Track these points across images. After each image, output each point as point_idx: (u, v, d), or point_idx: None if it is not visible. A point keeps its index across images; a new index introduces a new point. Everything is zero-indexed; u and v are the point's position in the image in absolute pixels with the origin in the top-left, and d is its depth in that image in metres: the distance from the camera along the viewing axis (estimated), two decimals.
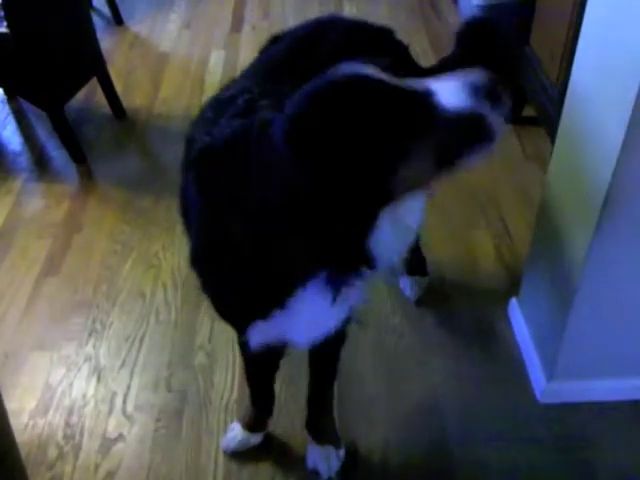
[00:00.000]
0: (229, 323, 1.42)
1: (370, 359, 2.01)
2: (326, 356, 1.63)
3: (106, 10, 3.79)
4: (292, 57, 1.54)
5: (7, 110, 3.11)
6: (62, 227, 2.49)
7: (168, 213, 2.52)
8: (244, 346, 1.54)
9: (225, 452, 1.79)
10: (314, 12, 3.79)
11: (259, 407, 1.79)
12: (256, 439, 1.81)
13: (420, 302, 2.18)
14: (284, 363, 1.88)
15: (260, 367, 1.70)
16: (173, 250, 2.38)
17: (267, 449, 1.81)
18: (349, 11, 3.76)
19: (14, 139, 2.96)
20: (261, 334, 1.35)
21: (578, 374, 1.83)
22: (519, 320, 2.05)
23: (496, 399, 1.90)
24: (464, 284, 2.26)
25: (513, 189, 2.62)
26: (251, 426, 1.80)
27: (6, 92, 3.11)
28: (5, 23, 2.46)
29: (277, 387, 1.87)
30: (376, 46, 1.66)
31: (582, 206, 1.59)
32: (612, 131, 1.42)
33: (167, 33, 3.68)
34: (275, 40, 1.66)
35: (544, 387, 1.87)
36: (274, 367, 1.72)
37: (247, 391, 1.80)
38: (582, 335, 1.74)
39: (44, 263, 2.35)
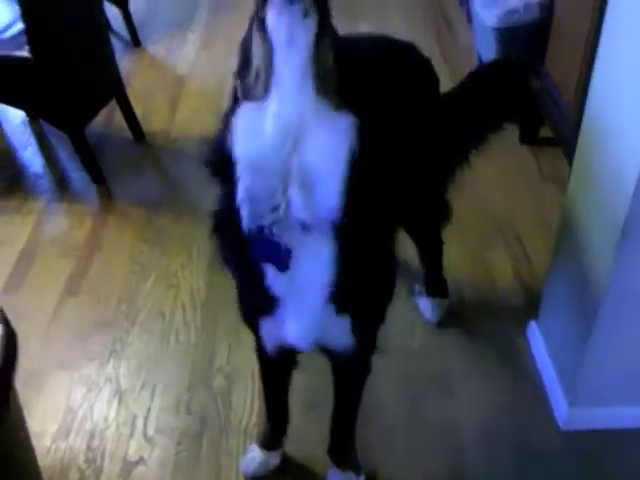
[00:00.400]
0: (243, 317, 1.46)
1: (391, 384, 2.00)
2: (350, 383, 1.63)
3: (124, 32, 3.83)
4: None
5: (29, 132, 3.15)
6: (83, 247, 2.52)
7: (186, 232, 2.54)
8: (259, 353, 1.59)
9: (245, 476, 1.79)
10: None
11: (274, 422, 1.79)
12: (275, 460, 1.81)
13: (440, 324, 2.18)
14: (306, 387, 1.90)
15: (275, 378, 1.72)
16: (192, 269, 2.40)
17: (287, 473, 1.81)
18: (363, 28, 3.79)
19: (35, 160, 3.00)
20: (268, 332, 1.40)
21: (601, 400, 1.82)
22: (539, 343, 2.04)
23: (517, 426, 1.89)
24: (483, 306, 2.26)
25: (531, 210, 2.63)
26: (267, 444, 1.80)
27: (28, 114, 3.16)
28: (27, 47, 2.50)
29: (298, 411, 1.88)
30: (400, 61, 1.68)
31: (603, 227, 1.59)
32: (631, 151, 1.43)
33: (185, 54, 3.72)
34: None
35: (566, 413, 1.85)
36: (287, 378, 1.72)
37: (264, 425, 1.82)
38: (604, 359, 1.72)
39: (65, 283, 2.37)
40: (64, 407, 1.98)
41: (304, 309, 1.28)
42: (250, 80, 1.08)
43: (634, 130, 1.42)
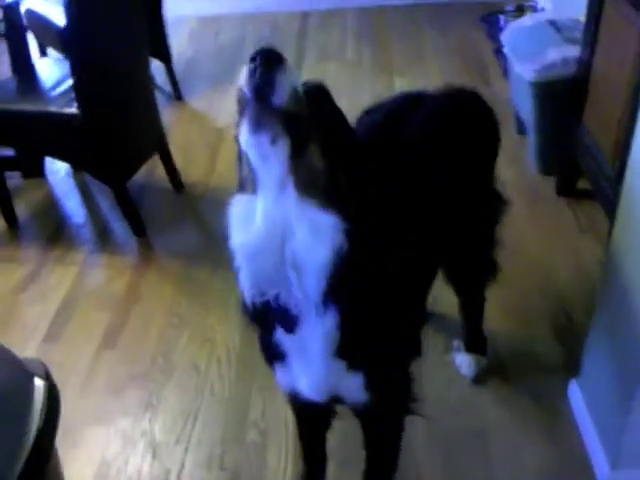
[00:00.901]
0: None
1: (426, 440, 1.97)
2: (378, 442, 1.62)
3: (167, 86, 3.96)
4: (385, 129, 1.63)
5: (72, 183, 3.25)
6: (122, 299, 2.56)
7: (223, 285, 2.56)
8: (290, 400, 1.60)
9: None
10: (366, 86, 3.89)
11: (310, 467, 1.78)
12: None
13: (477, 380, 2.14)
14: (340, 445, 1.87)
15: (309, 424, 1.71)
16: (228, 323, 2.41)
17: None
18: (399, 85, 3.85)
19: (78, 211, 3.08)
20: (283, 379, 1.43)
21: None
22: (579, 403, 1.98)
23: None
24: (521, 362, 2.21)
25: (569, 263, 2.59)
26: None
27: (72, 167, 3.26)
28: (76, 104, 2.59)
29: (332, 471, 1.86)
30: (463, 116, 1.73)
31: None
32: None
33: (225, 109, 3.81)
34: (367, 113, 1.75)
35: (608, 475, 1.79)
36: (323, 426, 1.72)
37: (301, 470, 1.81)
38: None
39: (103, 335, 2.41)
40: (99, 460, 1.99)
41: (311, 366, 1.32)
42: (242, 175, 1.16)
43: None
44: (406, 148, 1.53)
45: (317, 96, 1.12)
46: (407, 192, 1.38)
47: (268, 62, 1.02)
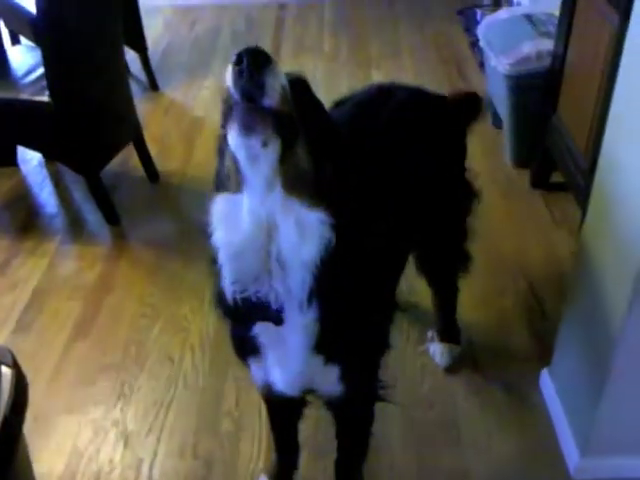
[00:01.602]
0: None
1: (399, 429, 1.98)
2: (350, 432, 1.62)
3: (142, 76, 3.92)
4: (354, 121, 1.62)
5: (45, 173, 3.20)
6: (94, 289, 2.53)
7: (198, 276, 2.54)
8: (263, 393, 1.60)
9: None
10: (342, 79, 3.89)
11: (283, 455, 1.78)
12: None
13: (450, 370, 2.16)
14: (315, 435, 1.86)
15: (280, 414, 1.71)
16: (202, 314, 2.40)
17: None
18: (377, 79, 3.85)
19: (50, 201, 3.04)
20: (256, 374, 1.43)
21: (613, 450, 1.78)
22: (551, 392, 2.01)
23: (528, 474, 1.86)
24: (494, 352, 2.23)
25: (542, 255, 2.61)
26: (277, 477, 1.80)
27: (45, 156, 3.21)
28: (47, 92, 2.55)
29: (305, 460, 1.86)
30: (432, 111, 1.73)
31: (617, 275, 1.58)
32: None
33: (201, 99, 3.79)
34: (339, 104, 1.74)
35: (578, 463, 1.82)
36: (294, 416, 1.72)
37: (274, 459, 1.81)
38: (617, 410, 1.70)
39: (74, 325, 2.38)
40: (70, 450, 1.97)
41: (288, 361, 1.32)
42: (224, 174, 1.14)
43: None
44: (376, 139, 1.53)
45: (300, 89, 1.11)
46: (378, 182, 1.39)
47: (256, 63, 0.99)
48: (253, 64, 0.99)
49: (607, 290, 1.64)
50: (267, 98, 1.00)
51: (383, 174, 1.45)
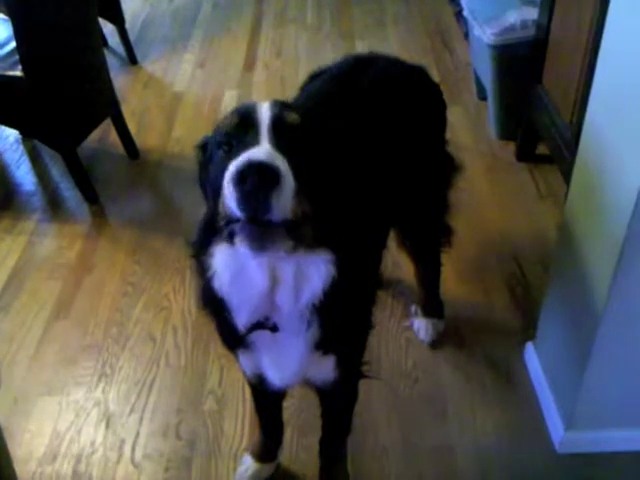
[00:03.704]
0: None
1: (384, 406, 1.97)
2: (337, 411, 1.60)
3: (121, 50, 3.83)
4: (333, 91, 1.59)
5: (21, 150, 3.14)
6: (73, 268, 2.49)
7: (179, 254, 2.51)
8: (251, 383, 1.57)
9: None
10: (326, 51, 3.82)
11: (268, 435, 1.77)
12: (268, 471, 1.79)
13: (434, 345, 2.15)
14: (299, 413, 1.85)
15: (265, 397, 1.69)
16: (184, 292, 2.37)
17: None
18: (361, 49, 3.78)
19: (28, 179, 2.98)
20: (246, 365, 1.41)
21: (598, 424, 1.78)
22: (535, 366, 2.00)
23: (512, 449, 1.85)
24: (479, 326, 2.22)
25: (527, 228, 2.59)
26: (261, 456, 1.79)
27: (21, 133, 3.14)
28: (20, 67, 2.48)
29: (290, 437, 1.86)
30: (410, 83, 1.69)
31: (601, 247, 1.56)
32: (629, 170, 1.40)
33: (181, 73, 3.71)
34: (315, 76, 1.71)
35: (562, 436, 1.82)
36: (279, 398, 1.70)
37: (258, 438, 1.79)
38: (602, 383, 1.69)
39: (54, 305, 2.34)
40: (51, 431, 1.94)
41: (286, 359, 1.30)
42: (222, 227, 1.04)
43: (633, 149, 1.40)
44: (352, 111, 1.49)
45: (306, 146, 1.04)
46: (355, 155, 1.35)
47: (264, 186, 0.91)
48: (261, 188, 0.91)
49: (591, 262, 1.63)
50: (276, 214, 0.94)
51: (360, 147, 1.41)
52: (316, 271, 1.10)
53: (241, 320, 1.18)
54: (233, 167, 0.93)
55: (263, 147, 0.97)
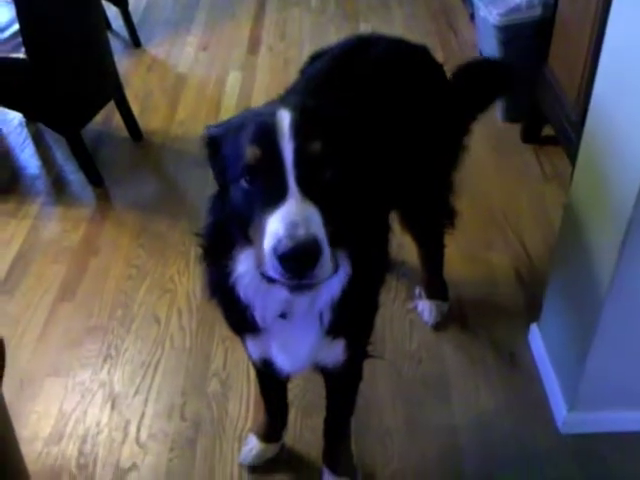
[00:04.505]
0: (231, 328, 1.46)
1: (388, 387, 1.98)
2: (342, 391, 1.61)
3: (124, 33, 3.81)
4: (334, 73, 1.58)
5: (25, 133, 3.13)
6: (78, 251, 2.49)
7: (183, 237, 2.51)
8: (258, 367, 1.58)
9: (242, 464, 1.79)
10: (330, 33, 3.79)
11: (272, 416, 1.78)
12: (272, 451, 1.80)
13: (438, 326, 2.15)
14: (304, 393, 1.86)
15: (270, 379, 1.69)
16: (188, 274, 2.37)
17: (285, 462, 1.81)
18: (365, 31, 3.76)
19: (32, 162, 2.98)
20: (254, 349, 1.42)
21: (601, 404, 1.79)
22: (539, 347, 2.00)
23: (516, 429, 1.86)
24: (483, 308, 2.22)
25: (532, 210, 2.58)
26: (266, 436, 1.80)
27: (25, 116, 3.14)
28: (23, 49, 2.47)
29: (294, 418, 1.87)
30: (412, 63, 1.67)
31: (605, 228, 1.55)
32: (635, 151, 1.39)
33: (185, 55, 3.69)
34: (316, 57, 1.70)
35: (565, 417, 1.82)
36: (284, 380, 1.70)
37: (263, 419, 1.80)
38: (605, 364, 1.69)
39: (60, 288, 2.35)
40: (56, 412, 1.96)
41: (297, 345, 1.31)
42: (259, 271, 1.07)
43: (638, 129, 1.38)
44: (356, 92, 1.48)
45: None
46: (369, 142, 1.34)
47: (307, 267, 0.97)
48: (304, 269, 0.97)
49: (596, 244, 1.62)
50: (320, 278, 1.00)
51: (368, 133, 1.40)
52: (338, 275, 1.12)
53: (261, 318, 1.22)
54: (275, 244, 0.96)
55: (297, 209, 0.98)
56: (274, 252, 0.96)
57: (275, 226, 0.97)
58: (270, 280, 1.03)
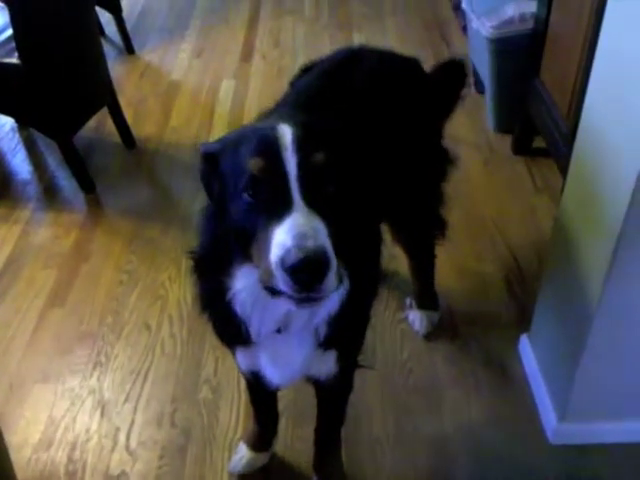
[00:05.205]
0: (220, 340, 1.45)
1: (378, 396, 1.98)
2: (332, 401, 1.61)
3: (118, 39, 3.82)
4: (325, 87, 1.58)
5: (17, 138, 3.12)
6: (69, 257, 2.48)
7: (175, 243, 2.51)
8: (248, 378, 1.58)
9: (232, 473, 1.79)
10: (324, 43, 3.81)
11: (262, 425, 1.78)
12: (262, 460, 1.80)
13: (429, 336, 2.15)
14: (294, 403, 1.86)
15: (260, 390, 1.67)
16: (179, 281, 2.37)
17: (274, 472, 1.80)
18: (359, 41, 3.77)
19: (23, 167, 2.97)
20: (243, 361, 1.41)
21: (591, 415, 1.79)
22: (530, 357, 2.01)
23: (506, 440, 1.86)
24: (473, 318, 2.23)
25: (523, 221, 2.60)
26: (256, 445, 1.79)
27: (17, 121, 3.13)
28: (17, 54, 2.47)
29: (285, 427, 1.87)
30: (403, 77, 1.68)
31: (596, 241, 1.57)
32: (626, 164, 1.40)
33: (178, 62, 3.70)
34: (306, 70, 1.70)
35: (555, 428, 1.83)
36: (274, 391, 1.69)
37: (253, 428, 1.79)
38: (595, 375, 1.70)
39: (50, 293, 2.34)
40: (46, 419, 1.95)
41: (287, 360, 1.31)
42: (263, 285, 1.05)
43: (629, 143, 1.40)
44: (346, 105, 1.48)
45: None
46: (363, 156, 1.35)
47: (317, 278, 0.95)
48: (313, 281, 0.96)
49: (586, 256, 1.63)
50: (327, 291, 0.98)
51: (361, 146, 1.41)
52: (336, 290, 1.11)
53: (256, 333, 1.22)
54: (283, 254, 0.94)
55: (304, 220, 0.97)
56: (282, 263, 0.94)
57: (282, 237, 0.95)
58: (275, 293, 1.01)
